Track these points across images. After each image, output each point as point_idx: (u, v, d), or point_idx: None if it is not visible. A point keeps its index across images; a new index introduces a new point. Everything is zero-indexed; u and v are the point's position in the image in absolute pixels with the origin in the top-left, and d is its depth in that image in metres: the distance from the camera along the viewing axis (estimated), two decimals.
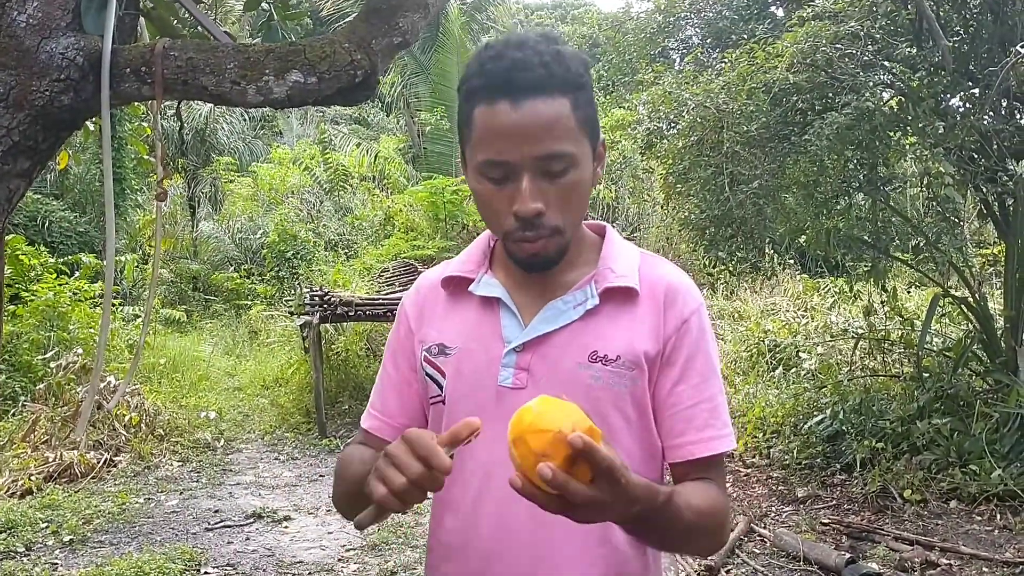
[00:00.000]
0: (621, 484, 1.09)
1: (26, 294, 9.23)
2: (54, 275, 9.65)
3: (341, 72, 2.45)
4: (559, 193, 1.30)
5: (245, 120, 22.84)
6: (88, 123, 3.48)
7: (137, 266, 13.78)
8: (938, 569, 4.70)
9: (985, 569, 4.78)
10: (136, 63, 2.39)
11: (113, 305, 10.66)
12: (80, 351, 8.25)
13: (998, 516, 5.43)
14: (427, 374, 1.48)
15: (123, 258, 13.21)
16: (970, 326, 6.98)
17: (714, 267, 7.54)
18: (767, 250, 7.34)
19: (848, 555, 4.75)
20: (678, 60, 9.16)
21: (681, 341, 1.39)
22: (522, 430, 1.10)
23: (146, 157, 6.06)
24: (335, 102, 2.60)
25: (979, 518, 5.47)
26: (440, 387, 1.46)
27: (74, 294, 9.42)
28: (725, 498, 1.41)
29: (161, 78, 2.37)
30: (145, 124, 7.74)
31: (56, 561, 5.28)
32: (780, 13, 8.29)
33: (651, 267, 1.45)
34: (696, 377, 1.40)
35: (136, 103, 3.13)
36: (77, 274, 10.46)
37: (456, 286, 1.49)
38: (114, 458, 7.42)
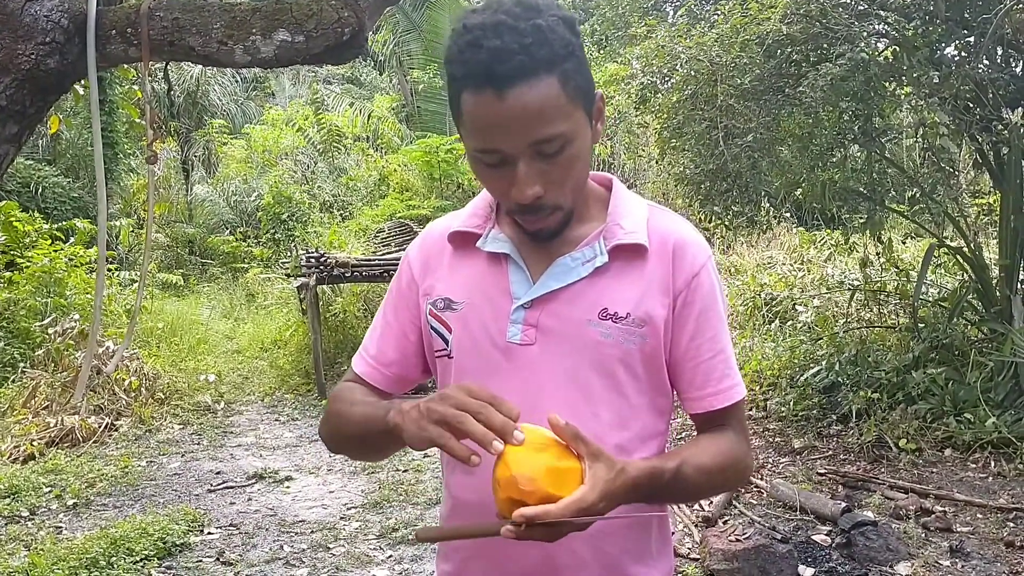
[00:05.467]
0: (606, 484, 1.17)
1: (22, 261, 9.23)
2: (49, 241, 9.64)
3: (328, 30, 2.44)
4: (558, 171, 1.28)
5: (237, 82, 22.66)
6: (79, 87, 3.45)
7: (132, 231, 13.75)
8: (933, 516, 4.74)
9: (979, 516, 4.83)
10: (121, 24, 2.37)
11: (109, 270, 10.69)
12: (77, 317, 8.27)
13: (992, 463, 5.49)
14: (432, 328, 1.48)
15: (118, 223, 13.17)
16: (965, 276, 6.99)
17: (710, 222, 7.52)
18: (763, 204, 7.31)
19: (844, 504, 4.79)
20: (671, 13, 9.08)
21: (693, 296, 1.40)
22: (495, 479, 1.17)
23: (138, 121, 6.03)
24: (324, 61, 2.59)
25: (973, 466, 5.53)
26: (446, 341, 1.46)
27: (69, 260, 9.41)
28: (744, 442, 1.46)
29: (147, 39, 2.35)
30: (136, 87, 7.69)
31: (60, 524, 5.34)
32: None
33: (659, 221, 1.44)
34: (711, 330, 1.41)
35: (126, 66, 3.11)
36: (72, 240, 10.44)
37: (463, 241, 1.48)
38: (115, 422, 7.46)
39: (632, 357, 1.37)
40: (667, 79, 6.83)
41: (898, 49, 6.47)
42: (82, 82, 2.81)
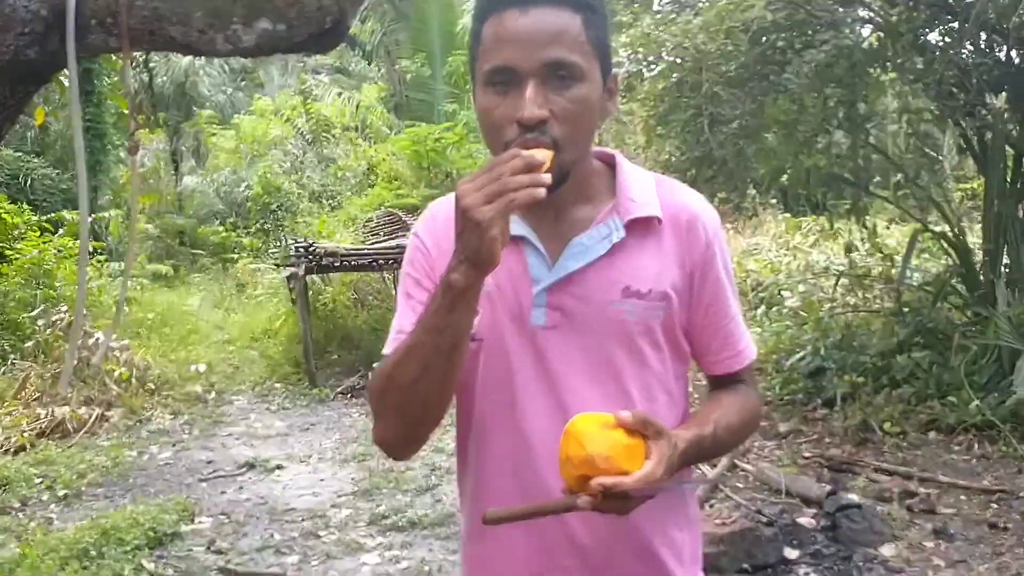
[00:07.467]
0: (668, 459, 1.22)
1: (11, 252, 9.21)
2: (38, 233, 9.63)
3: (310, 18, 2.43)
4: (564, 105, 1.27)
5: (225, 72, 22.59)
6: (64, 79, 3.45)
7: (122, 222, 13.71)
8: (917, 498, 4.77)
9: (963, 497, 4.87)
10: (102, 14, 2.36)
11: (99, 261, 10.67)
12: (66, 308, 8.27)
13: (976, 446, 5.52)
14: None
15: (107, 214, 13.13)
16: (949, 260, 7.03)
17: None
18: (748, 190, 7.35)
19: (829, 487, 4.83)
20: (656, 0, 9.06)
21: (708, 266, 1.42)
22: (568, 457, 1.21)
23: (126, 111, 6.01)
24: (306, 49, 2.58)
25: (957, 448, 5.56)
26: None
27: (59, 251, 9.40)
28: (756, 393, 1.55)
29: (127, 29, 2.35)
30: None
31: (51, 515, 5.34)
32: None
33: (668, 193, 1.44)
34: (725, 296, 1.46)
35: (113, 57, 3.11)
36: (61, 231, 10.42)
37: None
38: (106, 413, 7.46)
39: (654, 330, 1.39)
40: (652, 67, 6.86)
41: (882, 35, 6.50)
42: (67, 72, 2.82)
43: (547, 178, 1.13)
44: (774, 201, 12.24)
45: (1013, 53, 6.62)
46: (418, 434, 1.40)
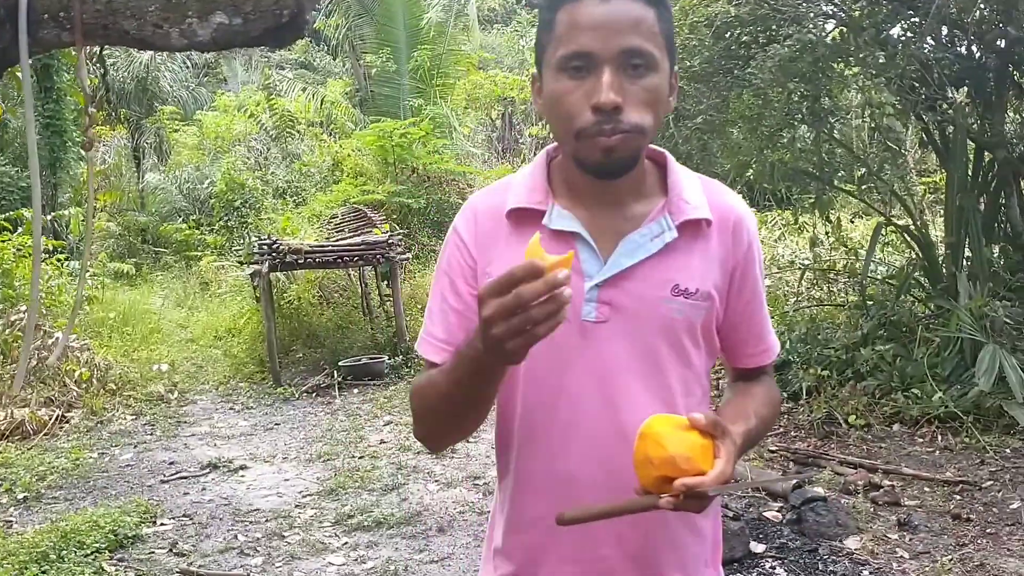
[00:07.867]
0: (735, 457, 1.27)
1: None
2: None
3: (266, 12, 2.40)
4: (638, 93, 1.30)
5: (188, 67, 22.34)
6: (21, 75, 3.38)
7: (82, 220, 13.52)
8: (881, 491, 4.82)
9: (927, 489, 4.92)
10: (54, 9, 2.32)
11: (59, 260, 10.52)
12: (26, 308, 8.12)
13: (939, 438, 5.58)
14: None
15: (67, 212, 12.94)
16: (912, 254, 7.10)
17: None
18: None
19: (794, 480, 4.86)
20: None
21: (749, 266, 1.47)
22: (647, 458, 1.23)
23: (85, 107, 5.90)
24: (264, 43, 2.56)
25: (921, 440, 5.62)
26: None
27: (18, 250, 9.25)
28: (776, 386, 1.62)
29: (80, 23, 2.31)
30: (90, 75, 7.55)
31: (11, 519, 5.26)
32: None
33: (714, 195, 1.47)
34: (759, 294, 1.51)
35: (72, 52, 3.06)
36: (20, 230, 10.25)
37: (524, 218, 1.43)
38: (66, 414, 7.36)
39: (695, 329, 1.42)
40: None
41: (845, 30, 6.54)
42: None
43: (568, 294, 1.09)
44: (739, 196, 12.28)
45: (974, 48, 6.69)
46: (454, 438, 1.50)
